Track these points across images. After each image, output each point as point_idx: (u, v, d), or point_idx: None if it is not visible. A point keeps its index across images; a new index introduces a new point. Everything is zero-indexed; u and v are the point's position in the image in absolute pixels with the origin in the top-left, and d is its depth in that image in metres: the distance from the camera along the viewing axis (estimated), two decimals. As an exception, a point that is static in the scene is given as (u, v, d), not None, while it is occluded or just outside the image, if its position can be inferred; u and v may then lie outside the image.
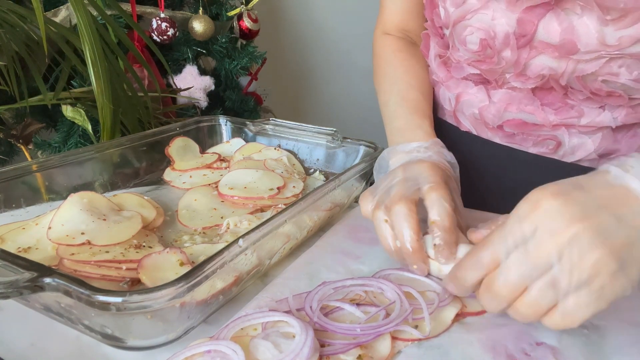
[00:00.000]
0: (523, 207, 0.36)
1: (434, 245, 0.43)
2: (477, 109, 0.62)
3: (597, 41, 0.47)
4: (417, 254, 0.43)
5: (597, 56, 0.48)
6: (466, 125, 0.66)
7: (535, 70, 0.52)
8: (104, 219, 0.48)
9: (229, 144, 0.76)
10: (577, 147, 0.58)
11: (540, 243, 0.34)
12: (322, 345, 0.36)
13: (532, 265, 0.34)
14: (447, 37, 0.60)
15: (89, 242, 0.44)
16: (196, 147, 0.73)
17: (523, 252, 0.35)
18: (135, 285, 0.42)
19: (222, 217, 0.55)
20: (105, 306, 0.31)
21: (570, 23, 0.48)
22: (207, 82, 1.21)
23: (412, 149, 0.54)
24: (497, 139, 0.64)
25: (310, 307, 0.39)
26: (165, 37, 1.13)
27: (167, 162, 0.70)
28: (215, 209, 0.57)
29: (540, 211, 0.35)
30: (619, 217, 0.34)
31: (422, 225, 0.45)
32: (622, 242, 0.33)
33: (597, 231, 0.33)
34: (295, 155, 0.73)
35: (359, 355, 0.35)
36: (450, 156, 0.54)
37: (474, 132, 0.66)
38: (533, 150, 0.61)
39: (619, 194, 0.35)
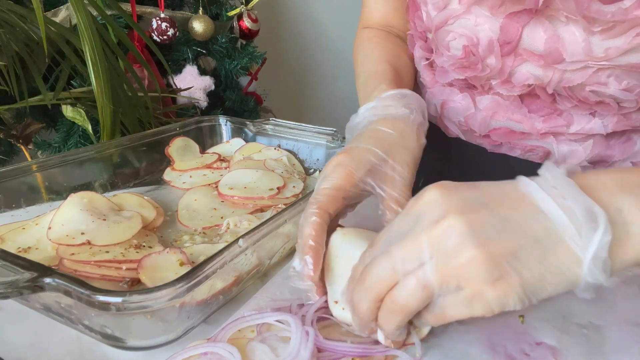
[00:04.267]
0: (411, 200, 0.34)
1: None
2: (462, 117, 0.60)
3: (583, 51, 0.45)
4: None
5: (583, 66, 0.46)
6: (454, 131, 0.64)
7: (520, 79, 0.51)
8: (104, 219, 0.48)
9: (229, 144, 0.76)
10: (568, 154, 0.56)
11: (415, 235, 0.31)
12: (319, 351, 0.36)
13: (404, 258, 0.31)
14: (431, 41, 0.58)
15: (89, 242, 0.44)
16: (196, 147, 0.73)
17: (399, 244, 0.31)
18: (135, 285, 0.42)
19: (222, 217, 0.55)
20: (105, 306, 0.31)
21: (555, 31, 0.46)
22: (207, 82, 1.21)
23: (360, 120, 0.49)
24: (485, 146, 0.62)
25: (303, 315, 0.38)
26: (165, 37, 1.13)
27: (167, 162, 0.70)
28: (215, 209, 0.57)
29: (422, 201, 0.32)
30: (505, 218, 0.30)
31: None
32: (504, 247, 0.29)
33: (473, 228, 0.29)
34: (295, 155, 0.73)
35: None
36: (399, 102, 0.48)
37: (463, 138, 0.64)
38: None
39: (510, 196, 0.31)
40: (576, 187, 0.30)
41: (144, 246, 0.46)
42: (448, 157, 0.67)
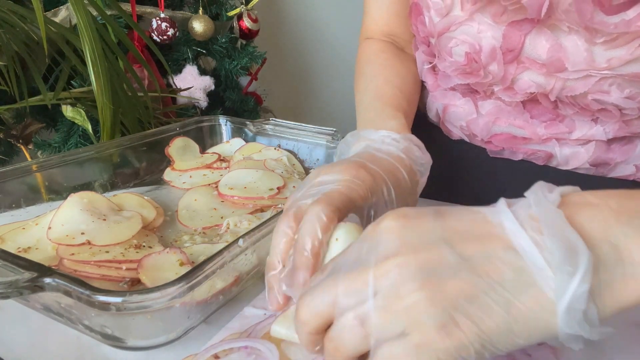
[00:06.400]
0: (370, 225, 0.29)
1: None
2: (464, 122, 0.60)
3: (585, 61, 0.45)
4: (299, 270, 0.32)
5: (585, 75, 0.46)
6: (457, 133, 0.64)
7: (523, 87, 0.51)
8: (104, 219, 0.48)
9: (229, 144, 0.76)
10: (570, 157, 0.56)
11: (364, 267, 0.27)
12: None
13: (347, 290, 0.26)
14: (433, 46, 0.58)
15: (89, 242, 0.44)
16: (196, 147, 0.73)
17: (346, 274, 0.27)
18: (135, 285, 0.42)
19: (222, 217, 0.55)
20: (105, 306, 0.31)
21: (557, 41, 0.46)
22: (207, 82, 1.21)
23: (377, 138, 0.45)
24: (487, 151, 0.62)
25: None
26: (165, 37, 1.13)
27: (167, 162, 0.70)
28: (215, 209, 0.57)
29: (379, 229, 0.28)
30: (467, 256, 0.25)
31: None
32: (457, 290, 0.25)
33: (427, 267, 0.25)
34: (295, 155, 0.73)
35: None
36: (422, 157, 0.46)
37: (466, 140, 0.64)
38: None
39: (479, 228, 0.27)
40: (562, 217, 0.25)
41: (144, 246, 0.46)
42: (451, 159, 0.67)
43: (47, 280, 0.32)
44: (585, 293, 0.24)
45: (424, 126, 0.71)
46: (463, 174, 0.68)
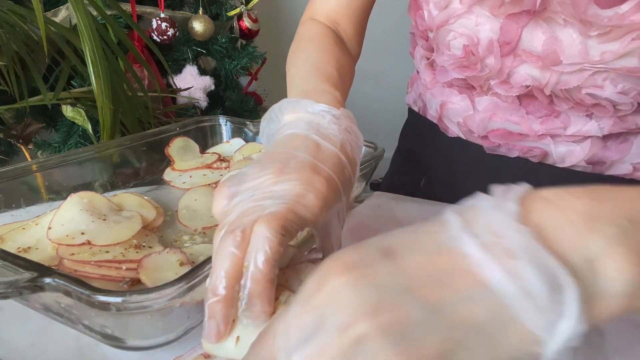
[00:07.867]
0: (311, 282, 0.24)
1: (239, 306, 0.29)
2: (461, 118, 0.61)
3: (580, 54, 0.46)
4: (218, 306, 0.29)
5: (580, 69, 0.47)
6: (454, 131, 0.65)
7: (519, 80, 0.51)
8: (104, 219, 0.48)
9: (229, 144, 0.76)
10: (566, 155, 0.57)
11: (323, 345, 0.22)
12: None
13: None
14: (432, 41, 0.58)
15: (89, 242, 0.44)
16: (196, 147, 0.73)
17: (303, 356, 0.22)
18: (135, 285, 0.42)
19: (222, 217, 0.55)
20: (105, 306, 0.31)
21: (552, 34, 0.47)
22: (207, 82, 1.21)
23: (318, 113, 0.39)
24: (483, 148, 0.63)
25: None
26: (165, 37, 1.13)
27: (167, 162, 0.70)
28: (215, 209, 0.57)
29: (325, 293, 0.23)
30: (435, 307, 0.21)
31: None
32: (435, 350, 0.21)
33: (392, 334, 0.21)
34: (295, 155, 0.73)
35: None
36: (357, 134, 0.41)
37: (463, 138, 0.65)
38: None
39: (444, 266, 0.22)
40: (530, 235, 0.22)
41: (144, 246, 0.46)
42: (448, 157, 0.68)
43: (47, 280, 0.32)
44: (581, 333, 0.21)
45: (421, 126, 0.71)
46: (460, 173, 0.68)
